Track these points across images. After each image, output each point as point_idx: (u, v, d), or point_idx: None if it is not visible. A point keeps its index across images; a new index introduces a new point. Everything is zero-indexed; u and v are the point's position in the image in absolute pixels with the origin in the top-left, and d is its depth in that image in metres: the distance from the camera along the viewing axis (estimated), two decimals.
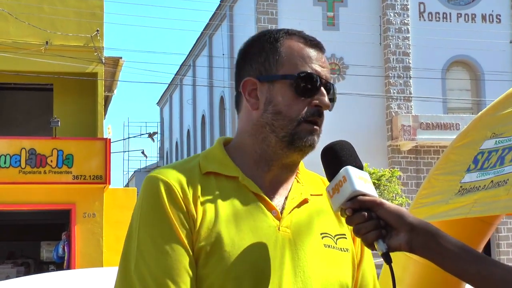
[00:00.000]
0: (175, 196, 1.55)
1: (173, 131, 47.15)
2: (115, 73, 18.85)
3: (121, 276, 1.56)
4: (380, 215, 1.54)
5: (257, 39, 1.70)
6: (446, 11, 28.28)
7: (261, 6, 27.03)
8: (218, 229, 1.54)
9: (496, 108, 3.38)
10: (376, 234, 1.52)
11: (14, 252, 19.16)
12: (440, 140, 25.58)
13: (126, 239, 1.58)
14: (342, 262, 1.67)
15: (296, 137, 1.62)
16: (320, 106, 1.64)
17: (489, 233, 3.64)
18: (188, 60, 39.69)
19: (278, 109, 1.62)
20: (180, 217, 1.54)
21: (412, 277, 3.50)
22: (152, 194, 1.56)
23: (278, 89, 1.63)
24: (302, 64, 1.64)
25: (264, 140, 1.64)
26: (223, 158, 1.66)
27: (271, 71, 1.64)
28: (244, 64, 1.69)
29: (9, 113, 19.51)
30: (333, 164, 1.60)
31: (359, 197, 1.54)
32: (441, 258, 1.53)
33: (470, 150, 3.31)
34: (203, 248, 1.53)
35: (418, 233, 1.53)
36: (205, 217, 1.55)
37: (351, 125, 26.04)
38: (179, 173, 1.59)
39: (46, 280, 5.07)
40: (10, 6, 16.65)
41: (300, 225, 1.63)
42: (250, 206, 1.60)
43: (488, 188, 3.02)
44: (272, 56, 1.65)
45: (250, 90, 1.66)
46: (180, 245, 1.52)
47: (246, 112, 1.68)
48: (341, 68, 27.19)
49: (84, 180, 15.72)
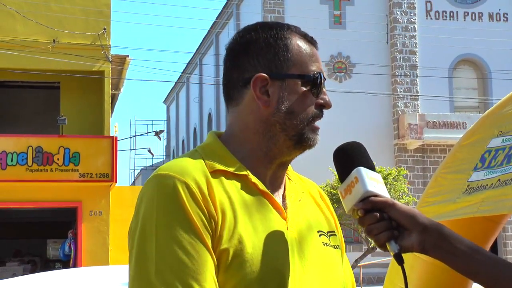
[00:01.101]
0: (195, 196, 1.50)
1: (179, 129, 47.25)
2: (121, 71, 18.93)
3: (139, 281, 1.47)
4: (392, 215, 1.54)
5: (261, 32, 1.66)
6: (453, 9, 28.31)
7: (267, 4, 27.11)
8: (239, 231, 1.51)
9: (502, 107, 3.38)
10: (388, 234, 1.52)
11: (21, 250, 19.40)
12: (447, 138, 25.61)
13: (140, 241, 1.49)
14: (338, 260, 1.68)
15: (304, 137, 1.61)
16: (324, 105, 1.64)
17: (496, 232, 3.63)
18: (194, 58, 39.81)
19: (291, 109, 1.60)
20: (202, 219, 1.48)
21: (419, 277, 3.50)
22: (169, 194, 1.49)
23: (290, 87, 1.61)
24: (311, 63, 1.63)
25: (271, 138, 1.62)
26: (226, 155, 1.62)
27: (282, 69, 1.62)
28: (247, 57, 1.65)
29: (16, 111, 19.62)
30: (345, 165, 1.60)
31: (371, 198, 1.54)
32: (453, 259, 1.53)
33: (477, 148, 3.30)
34: (225, 251, 1.48)
35: (430, 233, 1.53)
36: (225, 218, 1.51)
37: (358, 123, 26.06)
38: (193, 172, 1.54)
39: (53, 278, 5.10)
40: (18, 4, 16.76)
41: (301, 224, 1.63)
42: (260, 205, 1.58)
43: (496, 187, 3.02)
44: (281, 53, 1.62)
45: (261, 87, 1.62)
46: (206, 248, 1.46)
47: (252, 108, 1.63)
48: (348, 67, 27.13)
49: (91, 178, 15.82)
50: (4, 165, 15.39)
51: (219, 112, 35.30)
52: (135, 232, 1.50)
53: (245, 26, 1.72)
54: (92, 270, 6.43)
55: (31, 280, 5.01)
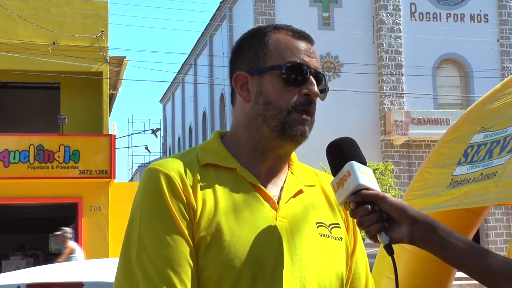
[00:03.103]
0: (175, 187, 1.53)
1: (175, 128, 47.19)
2: (119, 72, 18.95)
3: (123, 266, 1.53)
4: (383, 208, 1.55)
5: (247, 36, 1.70)
6: (436, 11, 28.32)
7: (259, 7, 26.97)
8: (218, 219, 1.53)
9: (484, 103, 3.44)
10: (379, 226, 1.54)
11: (24, 244, 19.37)
12: (431, 134, 25.60)
13: (127, 231, 1.55)
14: (337, 251, 1.66)
15: (287, 126, 1.61)
16: (309, 95, 1.62)
17: (479, 223, 3.70)
18: (189, 59, 39.61)
19: (268, 100, 1.61)
20: (180, 208, 1.52)
21: (406, 266, 3.57)
22: (152, 185, 1.54)
23: (267, 80, 1.62)
24: (290, 55, 1.63)
25: (257, 131, 1.64)
26: (220, 150, 1.65)
27: (260, 64, 1.64)
28: (236, 61, 1.69)
29: (18, 111, 19.56)
30: (338, 160, 1.61)
31: (363, 191, 1.55)
32: (442, 250, 1.54)
33: (460, 144, 3.35)
34: (203, 238, 1.51)
35: (419, 226, 1.54)
36: (205, 207, 1.54)
37: (346, 120, 26.08)
38: (179, 165, 1.58)
39: (55, 270, 5.29)
40: (19, 8, 16.83)
41: (296, 215, 1.62)
42: (248, 196, 1.59)
43: (478, 180, 3.07)
44: (261, 50, 1.65)
45: (242, 84, 1.65)
46: (181, 236, 1.50)
47: (239, 105, 1.67)
48: (336, 66, 27.16)
49: (90, 174, 15.84)
50: (7, 163, 15.39)
51: (213, 110, 35.25)
52: (128, 222, 1.58)
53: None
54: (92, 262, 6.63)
55: (34, 272, 5.15)
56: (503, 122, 3.21)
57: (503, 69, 28.35)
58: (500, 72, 28.11)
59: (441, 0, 28.70)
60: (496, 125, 3.21)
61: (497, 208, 25.95)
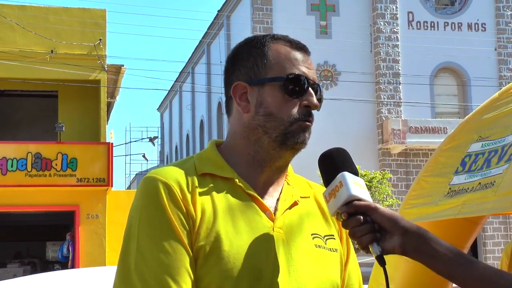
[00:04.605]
0: (175, 196, 1.53)
1: (173, 136, 47.20)
2: (117, 80, 18.95)
3: (121, 275, 1.53)
4: (374, 219, 1.54)
5: (244, 45, 1.70)
6: (433, 20, 28.37)
7: (257, 15, 26.96)
8: (217, 229, 1.53)
9: (482, 112, 3.42)
10: (371, 237, 1.53)
11: (21, 252, 19.28)
12: (429, 143, 25.61)
13: (125, 239, 1.55)
14: (332, 262, 1.67)
15: (289, 136, 1.61)
16: (309, 106, 1.63)
17: (476, 232, 3.70)
18: (187, 67, 39.66)
19: (269, 111, 1.61)
20: (180, 217, 1.52)
21: (402, 275, 3.57)
22: (151, 194, 1.54)
23: (268, 91, 1.62)
24: (290, 66, 1.63)
25: (257, 142, 1.63)
26: (218, 160, 1.65)
27: (260, 74, 1.63)
28: (233, 70, 1.68)
29: (16, 119, 19.58)
30: (330, 170, 1.61)
31: (355, 202, 1.55)
32: (433, 261, 1.54)
33: (458, 153, 3.34)
34: (202, 248, 1.51)
35: (411, 236, 1.54)
36: (204, 217, 1.54)
37: (344, 129, 26.07)
38: (177, 174, 1.58)
39: (52, 279, 5.18)
40: (17, 16, 16.86)
41: (292, 226, 1.63)
42: (246, 206, 1.59)
43: (476, 190, 3.05)
44: (260, 60, 1.64)
45: (241, 94, 1.65)
46: (180, 245, 1.50)
47: (237, 115, 1.67)
48: (334, 75, 27.11)
49: (88, 182, 15.87)
50: (4, 171, 15.42)
51: (210, 118, 35.27)
52: (125, 230, 1.58)
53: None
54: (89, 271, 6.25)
55: (31, 280, 5.08)
56: (501, 132, 3.21)
57: (500, 78, 28.40)
58: (498, 81, 28.16)
59: (438, 9, 28.84)
60: (494, 134, 3.21)
61: (495, 217, 25.97)
